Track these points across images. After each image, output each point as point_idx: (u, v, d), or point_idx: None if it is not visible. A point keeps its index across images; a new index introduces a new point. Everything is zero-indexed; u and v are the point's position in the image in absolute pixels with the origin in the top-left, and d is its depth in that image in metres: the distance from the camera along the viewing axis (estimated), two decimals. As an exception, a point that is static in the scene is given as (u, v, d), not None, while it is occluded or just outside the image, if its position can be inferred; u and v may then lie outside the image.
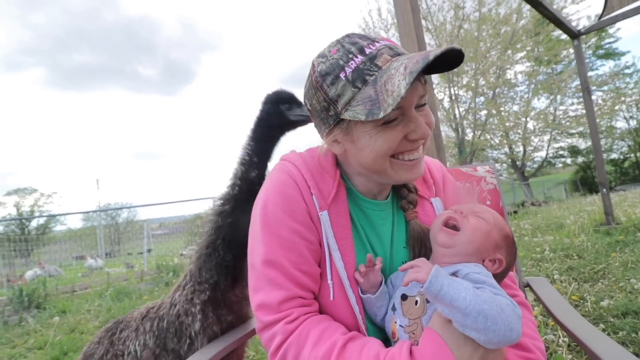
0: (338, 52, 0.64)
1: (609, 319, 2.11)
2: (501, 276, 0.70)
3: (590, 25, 4.76)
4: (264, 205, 0.70)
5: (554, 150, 20.06)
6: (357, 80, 0.61)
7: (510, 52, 14.09)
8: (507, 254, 0.68)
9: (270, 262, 0.67)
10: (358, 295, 0.69)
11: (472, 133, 15.61)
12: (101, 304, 4.20)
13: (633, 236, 3.98)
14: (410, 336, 0.61)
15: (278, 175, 0.73)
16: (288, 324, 0.64)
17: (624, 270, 2.94)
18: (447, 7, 14.10)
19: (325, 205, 0.70)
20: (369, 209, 0.75)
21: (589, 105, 4.82)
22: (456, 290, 0.53)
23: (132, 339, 1.10)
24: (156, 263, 6.56)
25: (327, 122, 0.67)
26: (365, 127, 0.63)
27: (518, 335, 0.52)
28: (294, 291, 0.66)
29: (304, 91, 0.70)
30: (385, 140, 0.63)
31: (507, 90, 15.81)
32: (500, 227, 0.69)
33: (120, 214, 26.12)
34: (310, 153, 0.77)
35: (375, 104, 0.57)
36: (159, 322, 1.07)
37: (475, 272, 0.60)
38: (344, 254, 0.69)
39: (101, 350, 1.14)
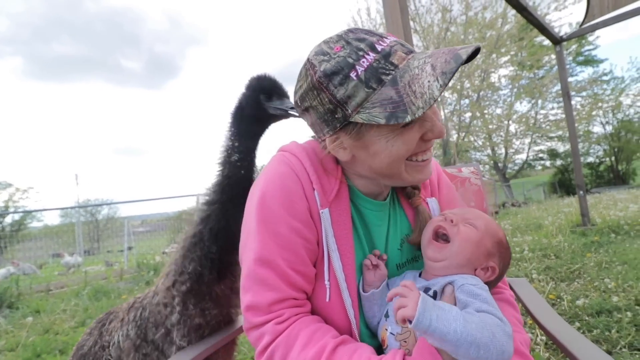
0: (344, 49, 0.58)
1: (584, 318, 2.18)
2: (495, 282, 0.69)
3: (572, 32, 4.91)
4: (261, 198, 0.66)
5: (534, 153, 20.67)
6: (371, 79, 0.56)
7: (495, 56, 14.41)
8: (501, 260, 0.67)
9: (264, 261, 0.63)
10: (355, 298, 0.66)
11: (457, 135, 15.90)
12: (78, 303, 4.07)
13: (607, 237, 4.13)
14: (402, 344, 0.60)
15: (278, 167, 0.68)
16: (278, 324, 0.62)
17: (599, 270, 3.05)
18: (435, 10, 14.30)
19: (326, 203, 0.66)
20: (368, 209, 0.73)
21: (568, 110, 4.96)
22: (446, 322, 0.51)
23: (118, 329, 1.07)
24: (137, 261, 6.40)
25: (332, 125, 0.61)
26: (381, 131, 0.59)
27: (509, 355, 0.52)
28: (287, 292, 0.63)
29: (299, 92, 0.64)
30: (404, 143, 0.60)
31: (491, 94, 16.18)
32: (492, 234, 0.67)
33: (100, 211, 25.40)
34: (312, 145, 0.73)
35: (400, 107, 0.53)
36: (142, 311, 1.04)
37: (470, 284, 0.59)
38: (343, 255, 0.66)
39: (91, 341, 1.11)
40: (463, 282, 0.59)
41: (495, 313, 0.54)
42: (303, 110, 0.65)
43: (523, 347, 0.64)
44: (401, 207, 0.78)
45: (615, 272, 2.93)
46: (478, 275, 0.64)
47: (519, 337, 0.65)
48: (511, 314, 0.72)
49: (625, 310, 2.16)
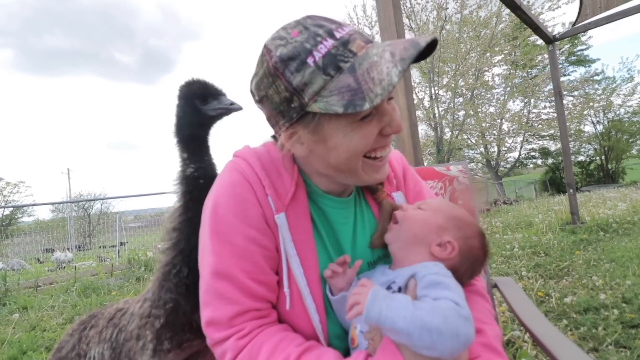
0: (301, 35, 0.56)
1: (571, 315, 2.20)
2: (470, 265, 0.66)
3: (564, 31, 4.94)
4: (213, 209, 0.63)
5: (526, 151, 20.91)
6: (328, 66, 0.53)
7: (489, 54, 14.48)
8: (460, 234, 0.65)
9: (221, 274, 0.61)
10: (320, 302, 0.64)
11: (450, 132, 15.99)
12: (66, 299, 4.01)
13: (596, 235, 4.20)
14: (370, 343, 0.59)
15: (229, 175, 0.66)
16: (239, 339, 0.59)
17: (587, 268, 3.09)
18: (431, 7, 14.30)
19: (282, 207, 0.64)
20: (330, 207, 0.70)
21: (560, 109, 5.01)
22: (394, 310, 0.51)
23: (95, 342, 1.02)
24: (128, 257, 6.34)
25: (289, 116, 0.58)
26: (339, 123, 0.57)
27: (467, 338, 0.50)
28: (247, 304, 0.61)
29: (255, 79, 0.61)
30: (362, 137, 0.58)
31: (485, 92, 16.28)
32: (444, 212, 0.67)
33: (93, 206, 25.13)
34: (265, 148, 0.70)
35: (358, 94, 0.51)
36: (118, 333, 0.98)
37: (432, 273, 0.58)
38: (303, 259, 0.64)
39: (70, 345, 1.07)
40: (425, 272, 0.58)
41: (450, 297, 0.52)
42: (258, 100, 0.62)
43: (493, 341, 0.61)
44: (367, 204, 0.76)
45: (603, 269, 2.97)
46: (437, 254, 0.63)
47: (490, 330, 0.63)
48: (482, 305, 0.69)
49: (612, 307, 2.19)
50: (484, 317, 0.65)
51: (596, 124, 21.89)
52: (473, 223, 0.68)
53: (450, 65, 14.93)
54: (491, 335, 0.61)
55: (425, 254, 0.64)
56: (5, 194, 26.76)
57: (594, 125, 21.86)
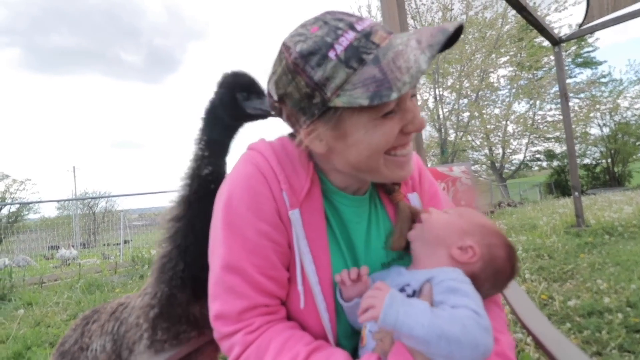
0: (321, 29, 0.54)
1: (575, 319, 2.19)
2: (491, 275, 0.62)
3: (571, 33, 4.91)
4: (227, 201, 0.62)
5: (531, 154, 20.76)
6: (351, 59, 0.52)
7: (494, 56, 14.41)
8: (483, 240, 0.63)
9: (231, 267, 0.60)
10: (331, 301, 0.63)
11: (455, 134, 15.92)
12: (71, 296, 4.05)
13: (601, 238, 4.16)
14: (378, 343, 0.58)
15: (244, 167, 0.64)
16: (248, 334, 0.59)
17: (591, 271, 3.06)
18: (436, 8, 14.27)
19: (296, 203, 0.62)
20: (344, 205, 0.69)
21: (565, 111, 4.97)
22: (412, 317, 0.49)
23: (97, 335, 1.04)
24: (132, 255, 6.38)
25: (310, 112, 0.57)
26: (361, 118, 0.55)
27: (486, 348, 0.48)
28: (257, 300, 0.60)
29: (272, 78, 0.60)
30: (384, 133, 0.56)
31: (490, 93, 16.21)
32: (470, 217, 0.66)
33: (98, 204, 25.33)
34: (281, 142, 0.69)
35: (384, 84, 0.49)
36: (120, 326, 0.99)
37: (450, 279, 0.56)
38: (316, 257, 0.63)
39: (73, 339, 1.08)
40: (444, 277, 0.57)
41: (470, 306, 0.51)
42: (278, 100, 0.61)
43: (508, 350, 0.61)
44: (382, 205, 0.74)
45: (607, 273, 2.94)
46: (457, 257, 0.62)
47: (505, 340, 0.62)
48: (498, 314, 0.69)
49: (616, 311, 2.17)
50: (499, 326, 0.64)
51: (602, 127, 21.70)
52: (500, 233, 0.65)
53: (455, 66, 14.88)
54: (506, 344, 0.61)
55: (445, 256, 0.63)
56: (11, 191, 27.05)
57: (600, 128, 21.68)
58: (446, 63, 14.68)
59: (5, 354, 2.56)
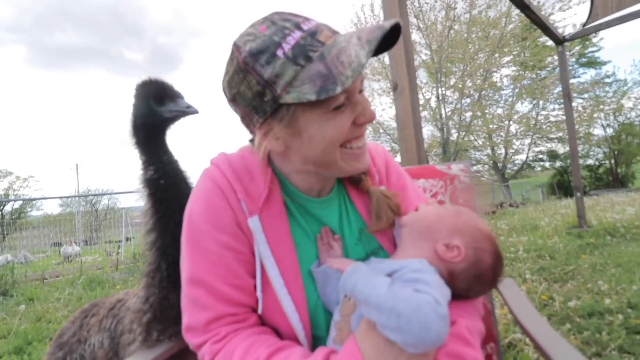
0: (269, 29, 0.57)
1: (575, 319, 2.18)
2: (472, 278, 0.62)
3: (575, 32, 4.88)
4: (188, 217, 0.65)
5: (533, 154, 20.64)
6: (298, 56, 0.54)
7: (498, 55, 14.34)
8: (473, 244, 0.62)
9: (195, 281, 0.62)
10: (302, 302, 0.63)
11: (457, 133, 15.87)
12: (72, 292, 4.07)
13: (603, 239, 4.14)
14: (338, 333, 0.60)
15: (202, 183, 0.67)
16: (215, 343, 0.60)
17: (592, 272, 3.05)
18: (439, 7, 14.20)
19: (255, 210, 0.64)
20: (313, 208, 0.70)
21: (568, 111, 4.95)
22: (370, 286, 0.52)
23: (95, 331, 1.04)
24: (133, 252, 6.41)
25: (262, 110, 0.58)
26: (312, 114, 0.58)
27: (438, 335, 0.48)
28: (222, 310, 0.62)
29: (225, 79, 0.62)
30: (336, 126, 0.59)
31: (493, 93, 16.14)
32: (465, 217, 0.65)
33: (100, 201, 25.44)
34: (240, 153, 0.70)
35: (329, 79, 0.52)
36: (117, 324, 1.00)
37: (413, 270, 0.56)
38: (280, 260, 0.64)
39: (71, 331, 1.09)
40: (407, 270, 0.56)
41: (431, 294, 0.50)
42: (231, 99, 0.63)
43: (464, 331, 0.58)
44: (351, 202, 0.75)
45: (609, 274, 2.93)
46: (440, 253, 0.61)
47: (465, 322, 0.60)
48: (464, 303, 0.66)
49: (616, 312, 2.16)
50: (461, 311, 0.63)
51: (606, 127, 21.60)
52: (492, 240, 0.64)
53: (457, 65, 14.82)
54: (463, 325, 0.59)
55: (429, 249, 0.62)
56: (15, 188, 27.21)
57: (603, 129, 21.59)
58: (449, 62, 14.63)
59: (6, 349, 2.58)
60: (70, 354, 1.05)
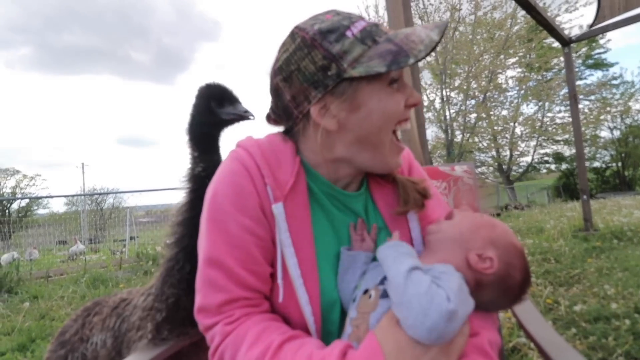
0: (335, 17, 0.61)
1: (580, 324, 2.15)
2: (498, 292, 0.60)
3: (581, 33, 4.83)
4: (212, 197, 0.65)
5: (539, 156, 20.45)
6: (366, 38, 0.58)
7: (503, 57, 14.25)
8: (505, 258, 0.60)
9: (213, 261, 0.62)
10: (315, 295, 0.63)
11: (461, 135, 15.79)
12: (76, 290, 4.09)
13: (609, 243, 4.09)
14: (354, 330, 0.58)
15: (230, 164, 0.66)
16: (227, 325, 0.60)
17: (599, 276, 3.01)
18: (444, 8, 14.15)
19: (280, 197, 0.63)
20: (343, 199, 0.70)
21: (575, 113, 4.90)
22: (396, 264, 0.55)
23: (98, 329, 1.04)
24: (137, 251, 6.44)
25: (323, 84, 0.59)
26: (373, 88, 0.60)
27: (433, 323, 0.48)
28: (237, 293, 0.61)
29: (283, 57, 0.62)
30: (396, 102, 0.61)
31: (498, 95, 16.03)
32: (500, 231, 0.63)
33: (106, 200, 25.62)
34: (268, 139, 0.70)
35: (401, 54, 0.56)
36: (121, 322, 0.99)
37: (439, 272, 0.55)
38: (299, 250, 0.63)
39: (73, 329, 1.08)
40: (431, 271, 0.56)
41: (447, 291, 0.50)
42: (284, 78, 0.62)
43: (486, 344, 0.58)
44: (374, 203, 0.74)
45: (615, 278, 2.89)
46: (472, 262, 0.59)
47: (486, 335, 0.60)
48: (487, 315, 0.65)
49: (623, 317, 2.13)
50: (484, 323, 0.62)
51: (613, 130, 21.33)
52: (524, 257, 0.63)
53: (462, 67, 14.75)
54: (485, 338, 0.59)
55: (460, 257, 0.60)
56: (22, 187, 27.49)
57: (610, 131, 21.31)
58: (454, 64, 14.57)
59: (10, 346, 2.60)
60: (72, 352, 1.05)
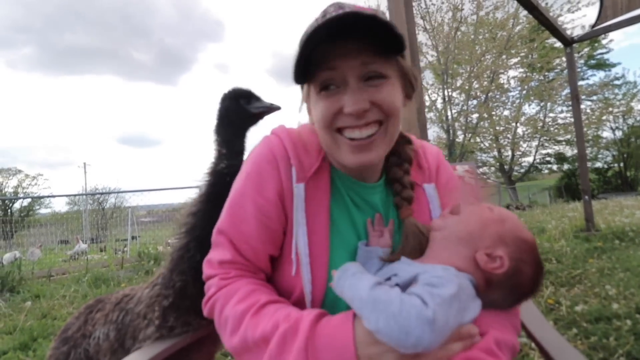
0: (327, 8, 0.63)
1: (582, 324, 2.14)
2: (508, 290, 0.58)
3: (583, 34, 4.81)
4: (239, 175, 0.72)
5: (541, 156, 20.43)
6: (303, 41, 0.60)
7: (505, 57, 14.22)
8: (516, 254, 0.57)
9: (221, 231, 0.70)
10: (321, 276, 0.64)
11: (463, 135, 15.77)
12: (77, 289, 4.11)
13: (611, 243, 4.07)
14: None
15: (259, 149, 0.72)
16: (222, 280, 0.67)
17: (600, 277, 3.00)
18: (446, 8, 14.14)
19: (303, 178, 0.67)
20: (360, 191, 0.71)
21: (577, 114, 4.88)
22: (354, 290, 0.53)
23: (101, 324, 1.06)
24: (138, 250, 6.45)
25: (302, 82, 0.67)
26: (312, 92, 0.64)
27: (418, 340, 0.45)
28: (236, 258, 0.68)
29: None
30: (322, 109, 0.62)
31: (499, 95, 16.00)
32: (510, 225, 0.59)
33: (107, 200, 25.69)
34: (300, 128, 0.75)
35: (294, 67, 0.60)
36: (125, 315, 1.02)
37: (435, 276, 0.52)
38: (312, 232, 0.65)
39: (76, 326, 1.11)
40: (428, 275, 0.53)
41: (422, 296, 0.48)
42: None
43: (494, 345, 0.56)
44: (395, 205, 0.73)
45: (617, 279, 2.88)
46: (481, 263, 0.56)
47: (496, 335, 0.57)
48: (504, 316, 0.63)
49: (625, 318, 2.13)
50: (494, 323, 0.59)
51: (615, 130, 21.29)
52: (535, 251, 0.59)
53: (464, 67, 14.74)
54: (492, 337, 0.57)
55: (467, 257, 0.58)
56: (24, 186, 27.60)
57: (612, 131, 21.27)
58: (455, 64, 14.55)
59: (12, 345, 2.60)
60: (75, 348, 1.07)
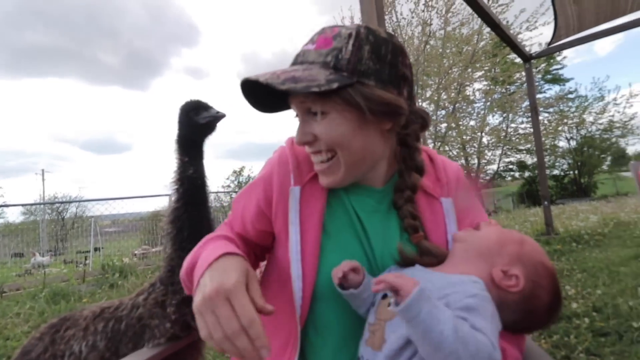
0: None
1: (545, 323, 2.26)
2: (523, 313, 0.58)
3: (541, 50, 5.17)
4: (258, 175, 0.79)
5: (504, 164, 21.52)
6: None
7: (470, 70, 14.96)
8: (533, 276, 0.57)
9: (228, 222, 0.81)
10: (309, 274, 0.66)
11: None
12: (33, 306, 3.81)
13: (569, 246, 4.34)
14: (370, 336, 0.58)
15: (272, 156, 0.78)
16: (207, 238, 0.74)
17: (560, 278, 3.16)
18: (416, 23, 14.69)
19: (299, 182, 0.71)
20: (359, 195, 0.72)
21: (535, 125, 5.20)
22: (435, 320, 0.46)
23: (79, 338, 1.02)
24: (102, 263, 6.09)
25: None
26: None
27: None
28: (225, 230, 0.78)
29: None
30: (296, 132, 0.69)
31: (466, 106, 16.76)
32: (529, 248, 0.60)
33: (68, 209, 24.13)
34: None
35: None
36: (114, 323, 1.02)
37: (469, 296, 0.52)
38: (305, 231, 0.68)
39: (40, 347, 1.04)
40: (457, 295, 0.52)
41: (489, 335, 0.48)
42: None
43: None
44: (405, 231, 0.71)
45: (575, 279, 3.07)
46: (496, 279, 0.57)
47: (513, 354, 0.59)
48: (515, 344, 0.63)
49: (583, 316, 2.26)
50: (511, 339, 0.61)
51: (570, 140, 22.82)
52: (554, 278, 0.60)
53: (433, 79, 15.32)
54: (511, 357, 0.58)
55: (484, 272, 0.58)
56: (-28, 195, 25.34)
57: (567, 141, 22.78)
58: (425, 75, 15.09)
59: (-43, 370, 2.37)
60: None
